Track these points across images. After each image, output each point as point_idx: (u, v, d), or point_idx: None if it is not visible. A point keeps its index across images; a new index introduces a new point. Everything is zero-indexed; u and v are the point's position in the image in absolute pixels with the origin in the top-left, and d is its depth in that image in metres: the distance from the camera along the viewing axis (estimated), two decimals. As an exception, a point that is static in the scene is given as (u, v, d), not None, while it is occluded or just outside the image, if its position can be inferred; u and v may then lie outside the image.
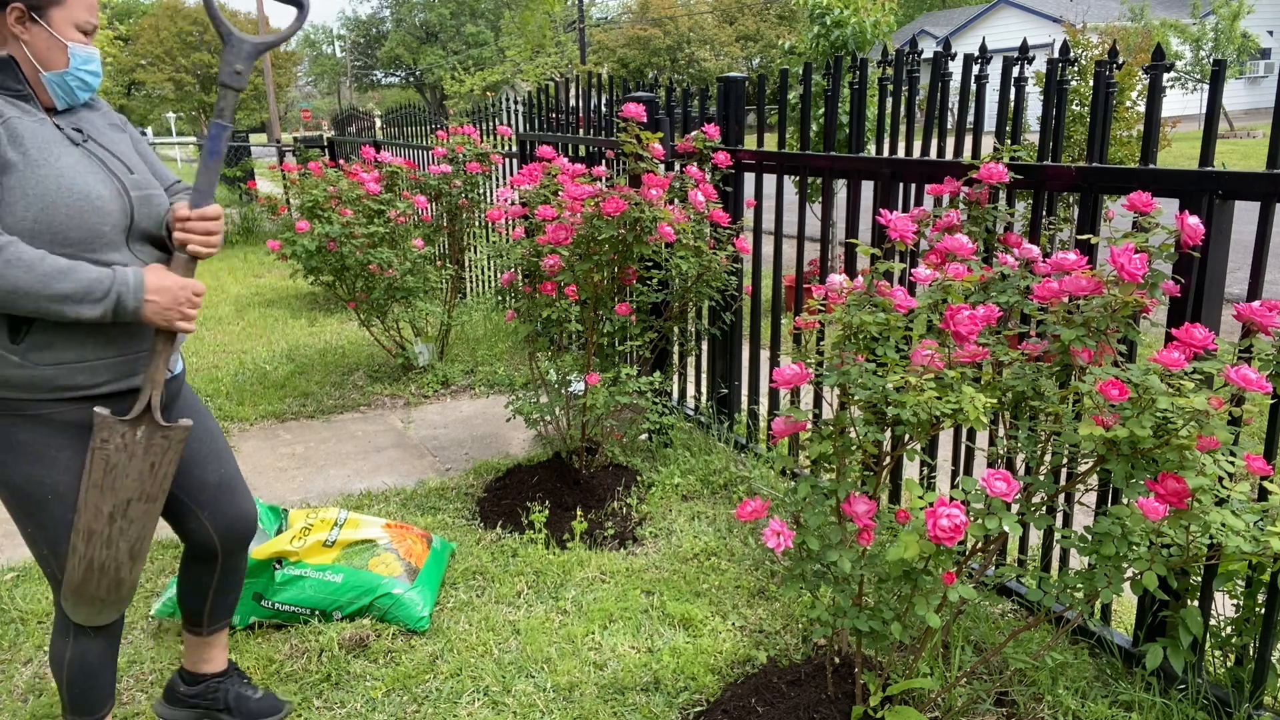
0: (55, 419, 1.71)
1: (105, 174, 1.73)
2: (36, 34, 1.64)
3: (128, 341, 1.74)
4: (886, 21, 6.52)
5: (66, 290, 1.56)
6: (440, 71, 43.95)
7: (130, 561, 1.81)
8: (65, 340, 1.66)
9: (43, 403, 1.69)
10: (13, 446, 1.69)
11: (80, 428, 1.73)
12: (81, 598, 1.80)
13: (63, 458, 1.72)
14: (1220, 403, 1.61)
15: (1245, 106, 27.92)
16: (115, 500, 1.75)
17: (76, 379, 1.69)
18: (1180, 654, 2.13)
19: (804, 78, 3.42)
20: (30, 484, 1.71)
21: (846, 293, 2.01)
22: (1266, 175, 2.03)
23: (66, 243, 1.64)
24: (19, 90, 1.66)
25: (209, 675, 2.21)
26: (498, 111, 6.40)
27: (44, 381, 1.67)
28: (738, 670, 2.45)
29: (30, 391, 1.67)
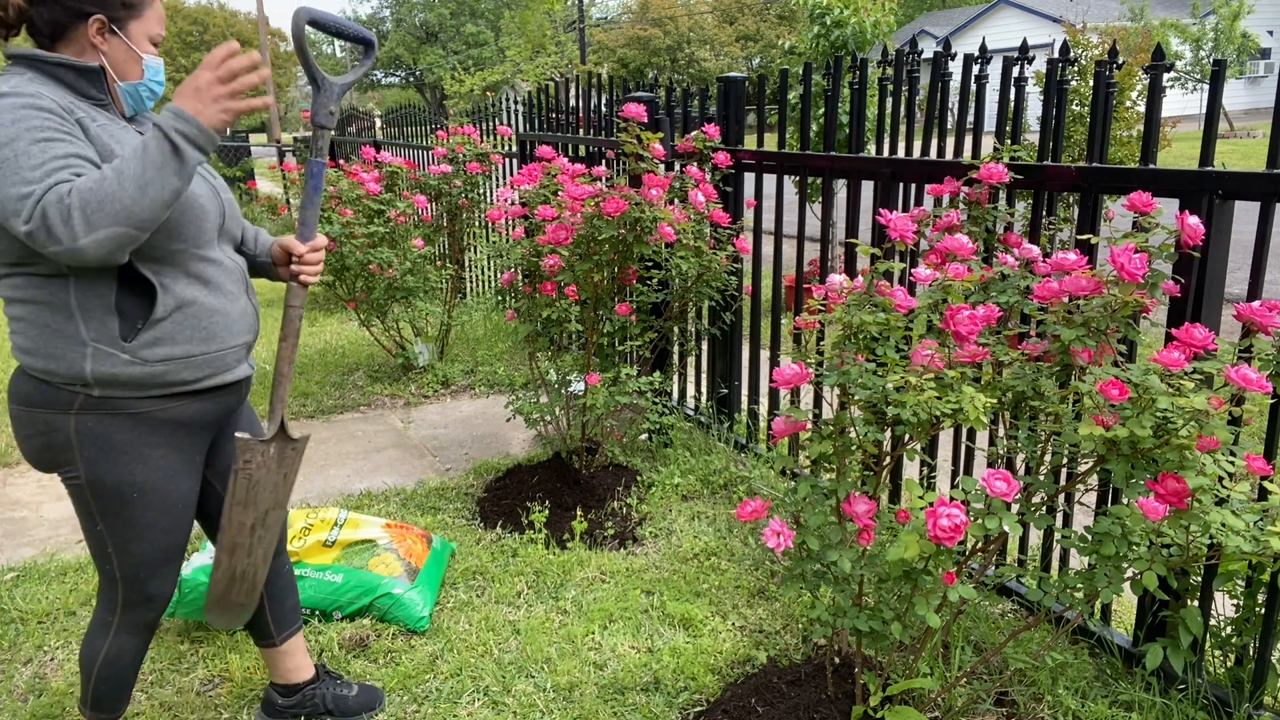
0: (154, 416, 1.75)
1: (198, 176, 1.80)
2: (115, 45, 1.71)
3: (224, 336, 1.80)
4: (886, 21, 6.52)
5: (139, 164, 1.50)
6: (440, 71, 43.94)
7: (264, 565, 1.96)
8: (171, 337, 1.71)
9: (145, 400, 1.73)
10: (110, 448, 1.73)
11: (175, 425, 1.79)
12: (224, 606, 1.94)
13: (155, 456, 1.77)
14: (1220, 403, 1.61)
15: (1245, 106, 27.92)
16: (256, 513, 1.88)
17: (181, 375, 1.74)
18: (1180, 654, 2.13)
19: (804, 78, 3.42)
20: (122, 484, 1.75)
21: (846, 293, 2.01)
22: (1266, 175, 2.03)
23: (181, 238, 1.71)
24: (101, 100, 1.71)
25: (301, 684, 2.22)
26: (498, 111, 6.40)
27: (151, 378, 1.71)
28: (738, 670, 2.45)
29: (137, 389, 1.71)
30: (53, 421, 1.71)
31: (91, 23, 1.67)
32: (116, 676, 1.92)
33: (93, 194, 1.46)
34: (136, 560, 1.82)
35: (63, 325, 1.67)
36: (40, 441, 1.74)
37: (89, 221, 1.46)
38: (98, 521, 1.79)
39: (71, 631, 2.69)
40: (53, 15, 1.65)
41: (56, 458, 1.75)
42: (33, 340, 1.69)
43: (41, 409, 1.71)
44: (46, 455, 1.76)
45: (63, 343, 1.67)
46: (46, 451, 1.75)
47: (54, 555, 3.18)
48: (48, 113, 1.56)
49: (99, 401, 1.70)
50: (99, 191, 1.47)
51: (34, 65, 1.65)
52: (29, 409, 1.73)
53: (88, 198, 1.46)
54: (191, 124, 1.54)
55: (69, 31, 1.67)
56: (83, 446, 1.72)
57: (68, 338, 1.67)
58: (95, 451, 1.73)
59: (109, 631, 1.89)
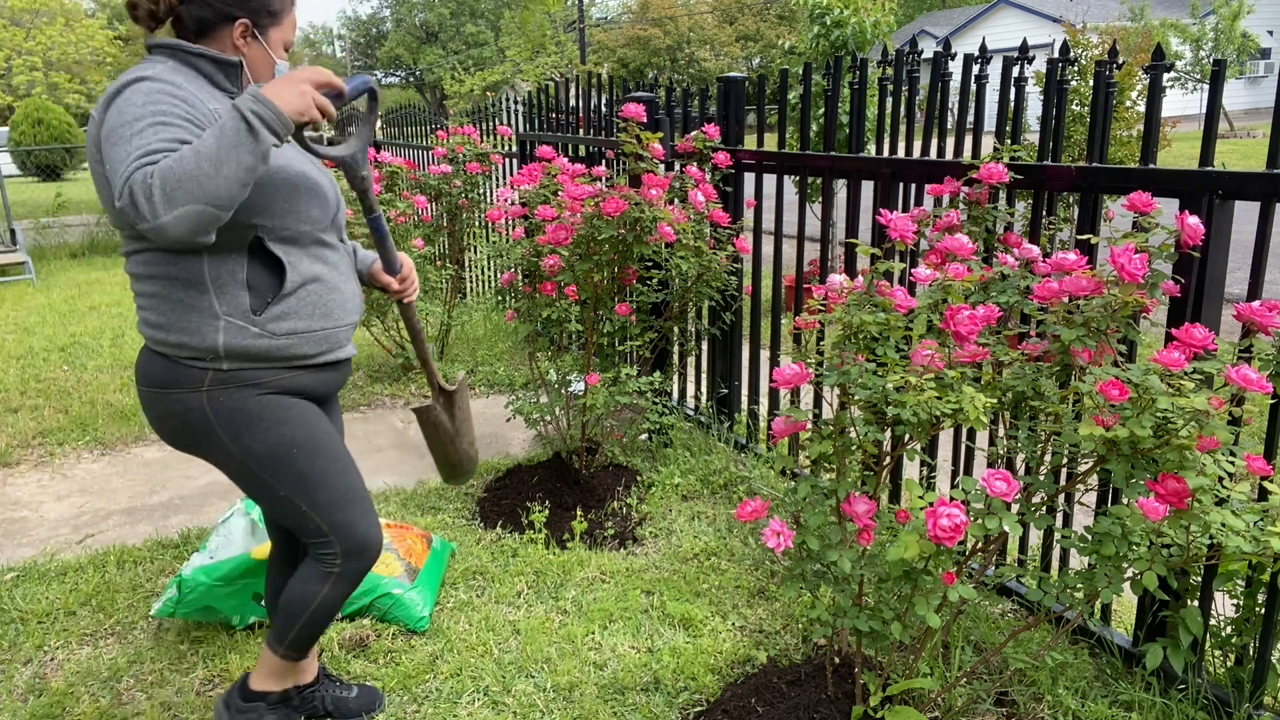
0: (280, 384, 1.84)
1: (316, 167, 1.91)
2: (255, 49, 1.81)
3: (338, 314, 1.90)
4: (886, 21, 6.52)
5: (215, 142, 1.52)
6: (440, 71, 43.93)
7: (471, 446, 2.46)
8: (295, 312, 1.80)
9: (270, 370, 1.82)
10: (248, 418, 1.80)
11: (296, 392, 1.88)
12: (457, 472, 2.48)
13: (294, 414, 1.86)
14: (1220, 403, 1.61)
15: (1245, 106, 27.92)
16: (454, 437, 2.36)
17: (303, 349, 1.83)
18: (1180, 654, 2.13)
19: (804, 78, 3.41)
20: (276, 445, 1.83)
21: (846, 293, 2.01)
22: (1266, 175, 2.02)
23: (308, 220, 1.81)
24: (233, 93, 1.78)
25: (303, 686, 2.24)
26: (498, 111, 6.40)
27: (278, 351, 1.79)
28: (738, 670, 2.45)
29: (264, 361, 1.80)
30: (187, 401, 1.78)
31: (237, 26, 1.77)
32: (322, 622, 2.02)
33: (172, 172, 1.49)
34: (328, 506, 1.90)
35: (196, 300, 1.73)
36: (179, 423, 1.81)
37: (169, 198, 1.49)
38: (278, 487, 1.87)
39: (71, 631, 2.70)
40: (202, 14, 1.74)
41: (199, 439, 1.82)
42: (165, 315, 1.75)
43: (173, 389, 1.78)
44: (189, 436, 1.83)
45: (196, 316, 1.74)
46: (189, 433, 1.82)
47: (54, 555, 3.18)
48: (180, 100, 1.62)
49: (227, 376, 1.77)
50: (178, 169, 1.49)
51: (175, 54, 1.73)
52: (161, 390, 1.79)
53: (167, 175, 1.49)
54: (267, 106, 1.56)
55: (214, 31, 1.76)
56: (222, 423, 1.80)
57: (201, 311, 1.73)
58: (236, 425, 1.80)
59: (328, 581, 1.96)
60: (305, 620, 2.00)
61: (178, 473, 3.94)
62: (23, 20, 20.08)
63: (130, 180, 1.50)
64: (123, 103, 1.60)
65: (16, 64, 20.61)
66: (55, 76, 21.54)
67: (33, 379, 5.27)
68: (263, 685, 2.12)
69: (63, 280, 8.55)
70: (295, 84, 1.61)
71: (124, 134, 1.56)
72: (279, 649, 2.05)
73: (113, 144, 1.56)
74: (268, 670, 2.11)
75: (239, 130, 1.53)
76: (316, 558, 1.96)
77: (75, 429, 4.41)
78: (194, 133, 1.60)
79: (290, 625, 2.01)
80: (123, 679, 2.47)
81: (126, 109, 1.58)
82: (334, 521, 1.91)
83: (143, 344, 1.85)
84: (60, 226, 11.10)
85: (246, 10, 1.77)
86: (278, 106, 1.57)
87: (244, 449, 1.82)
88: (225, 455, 1.83)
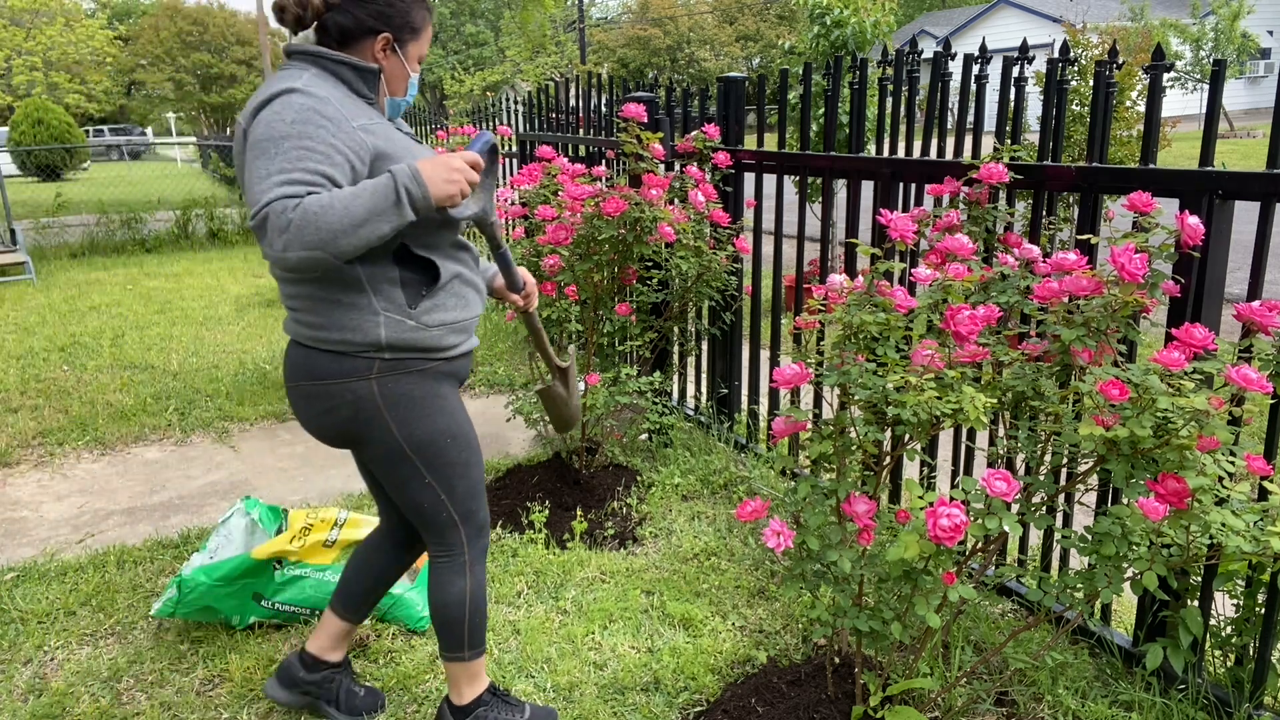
0: (434, 372, 1.93)
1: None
2: (393, 62, 1.89)
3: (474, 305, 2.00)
4: (886, 21, 6.52)
5: (366, 208, 1.61)
6: (440, 71, 43.92)
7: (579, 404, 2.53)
8: (443, 305, 1.89)
9: (423, 359, 1.90)
10: (413, 403, 1.89)
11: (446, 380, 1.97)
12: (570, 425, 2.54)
13: (449, 405, 1.97)
14: (1220, 403, 1.61)
15: (1245, 106, 27.92)
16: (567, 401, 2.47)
17: (448, 339, 1.92)
18: (1180, 654, 2.13)
19: (804, 78, 3.41)
20: (434, 433, 1.93)
21: (846, 292, 2.01)
22: (1266, 175, 2.02)
23: (450, 226, 1.89)
24: (371, 100, 1.86)
25: (330, 664, 2.28)
26: (498, 111, 6.40)
27: (431, 341, 1.89)
28: (738, 670, 2.45)
29: (418, 352, 1.88)
30: (358, 389, 1.85)
31: (380, 39, 1.84)
32: (484, 605, 2.09)
33: (313, 219, 1.56)
34: (463, 495, 2.01)
35: (355, 299, 1.81)
36: (347, 412, 1.87)
37: (300, 240, 1.56)
38: (425, 475, 1.95)
39: (71, 631, 2.70)
40: (347, 23, 1.81)
41: (362, 428, 1.89)
42: (325, 315, 1.82)
43: (344, 379, 1.85)
44: (353, 426, 1.89)
45: (356, 314, 1.81)
46: (353, 422, 1.88)
47: (54, 555, 3.18)
48: (327, 119, 1.67)
49: (392, 364, 1.86)
50: (318, 220, 1.56)
51: (317, 61, 1.79)
52: (332, 382, 1.85)
53: (306, 220, 1.56)
54: (421, 188, 1.66)
55: (357, 41, 1.83)
56: (389, 408, 1.88)
57: (361, 309, 1.81)
58: (402, 410, 1.89)
59: (466, 570, 2.05)
60: (469, 615, 2.07)
61: (178, 473, 3.94)
62: (23, 20, 20.08)
63: (269, 207, 1.56)
64: (271, 115, 1.65)
65: (16, 64, 20.62)
66: (55, 76, 21.54)
67: (33, 379, 5.27)
68: (472, 694, 2.14)
69: (63, 280, 8.56)
70: (449, 169, 1.72)
71: (268, 149, 1.61)
72: (465, 654, 2.09)
73: (255, 156, 1.62)
74: (465, 680, 2.12)
75: (388, 201, 1.63)
76: (444, 554, 2.05)
77: (75, 429, 4.41)
78: (335, 161, 1.65)
79: (459, 629, 2.07)
80: (123, 679, 2.47)
81: (275, 123, 1.64)
82: (465, 510, 2.02)
83: (290, 344, 1.91)
84: (60, 226, 11.10)
85: (390, 25, 1.84)
86: (429, 191, 1.68)
87: (407, 435, 1.91)
88: (386, 440, 1.90)
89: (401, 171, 1.65)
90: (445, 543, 2.04)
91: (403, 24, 1.86)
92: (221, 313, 7.07)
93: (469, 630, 2.08)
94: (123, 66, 35.68)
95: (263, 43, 8.54)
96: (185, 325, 6.64)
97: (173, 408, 4.72)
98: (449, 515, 2.01)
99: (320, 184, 1.61)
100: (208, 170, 21.64)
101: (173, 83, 38.24)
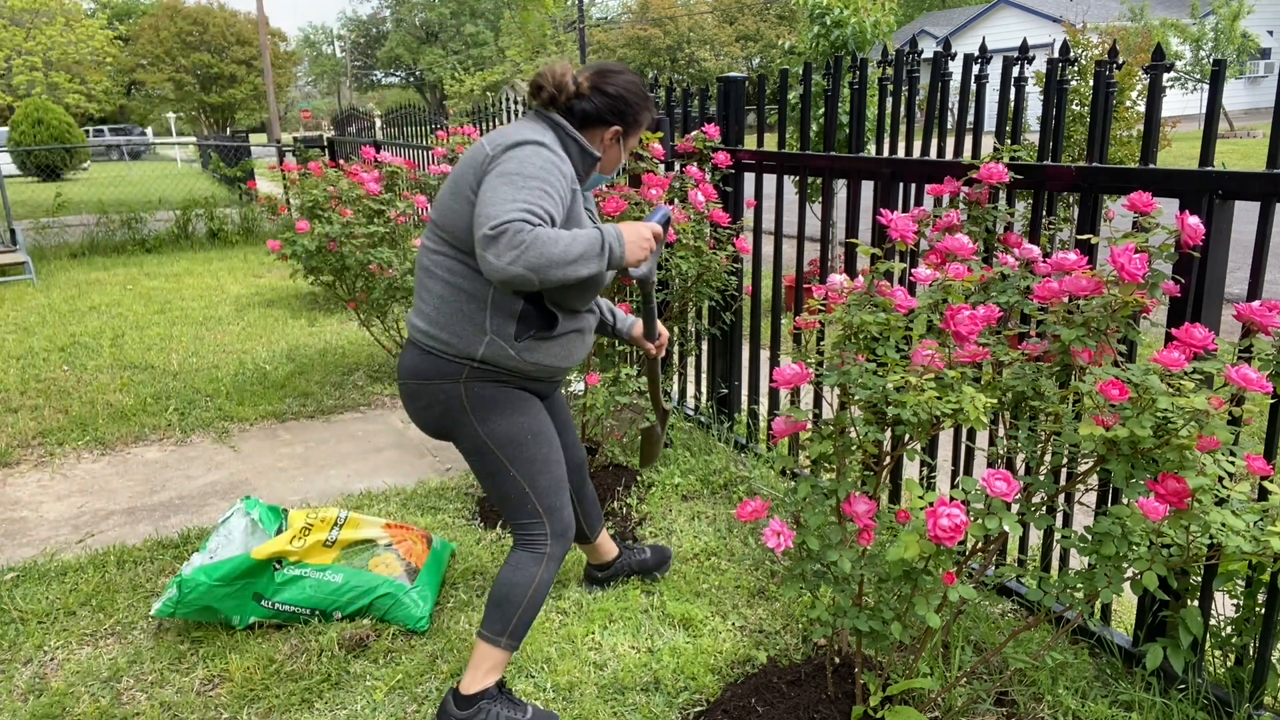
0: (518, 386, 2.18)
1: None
2: (613, 150, 2.20)
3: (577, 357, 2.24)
4: (886, 21, 6.52)
5: (580, 251, 1.86)
6: (440, 71, 43.92)
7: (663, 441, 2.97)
8: (547, 350, 2.14)
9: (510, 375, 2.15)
10: (495, 405, 2.13)
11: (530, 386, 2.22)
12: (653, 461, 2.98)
13: (530, 406, 2.19)
14: (1220, 402, 1.61)
15: (1245, 106, 27.92)
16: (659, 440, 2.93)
17: (537, 374, 2.18)
18: (1180, 654, 2.13)
19: (804, 78, 3.41)
20: (516, 430, 2.15)
21: (847, 292, 2.01)
22: (1266, 175, 2.02)
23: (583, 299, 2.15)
24: (580, 175, 2.14)
25: (612, 561, 2.84)
26: (497, 111, 6.39)
27: (522, 372, 2.14)
28: (738, 670, 2.45)
29: (509, 374, 2.14)
30: (450, 390, 2.10)
31: (611, 130, 2.15)
32: (539, 603, 2.22)
33: (542, 244, 1.80)
34: (546, 489, 2.20)
35: (474, 313, 2.05)
36: (440, 409, 2.13)
37: (523, 259, 1.78)
38: (509, 468, 2.16)
39: (71, 631, 2.70)
40: (589, 110, 2.12)
41: (453, 424, 2.14)
42: (444, 315, 2.07)
43: (438, 380, 2.10)
44: (445, 422, 2.15)
45: (469, 326, 2.06)
46: (445, 418, 2.14)
47: (54, 555, 3.18)
48: (562, 176, 1.97)
49: (480, 371, 2.10)
50: (546, 245, 1.80)
51: (556, 129, 2.09)
52: (427, 382, 2.12)
53: (538, 243, 1.79)
54: (621, 248, 1.96)
55: (592, 126, 2.14)
56: (474, 408, 2.12)
57: (474, 324, 2.06)
58: (485, 410, 2.12)
59: (541, 562, 2.20)
60: (525, 605, 2.19)
61: (178, 473, 3.94)
62: (23, 20, 20.08)
63: (509, 224, 1.79)
64: (523, 156, 1.93)
65: (16, 64, 20.62)
66: (55, 76, 21.54)
67: (33, 379, 5.27)
68: (481, 685, 2.18)
69: (63, 280, 8.56)
70: (641, 238, 2.03)
71: (516, 181, 1.88)
72: (502, 641, 2.18)
73: (503, 181, 1.88)
74: (485, 668, 2.19)
75: (595, 250, 1.89)
76: (527, 542, 2.21)
77: (75, 429, 4.41)
78: (558, 208, 1.93)
79: (510, 614, 2.18)
80: (123, 679, 2.48)
81: (527, 164, 1.91)
82: (548, 504, 2.20)
83: (406, 343, 2.17)
84: (60, 226, 11.09)
85: (623, 120, 2.16)
86: (626, 252, 1.97)
87: (489, 431, 2.13)
88: (472, 436, 2.14)
89: (609, 230, 1.95)
90: (530, 533, 2.22)
91: (632, 121, 2.17)
92: (221, 313, 7.07)
93: (518, 619, 2.19)
94: (123, 66, 35.65)
95: (263, 43, 8.54)
96: (185, 325, 6.64)
97: (173, 408, 4.72)
98: (533, 507, 2.20)
99: (547, 221, 1.86)
100: (208, 170, 21.64)
101: (173, 83, 38.20)
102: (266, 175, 18.07)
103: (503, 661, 2.21)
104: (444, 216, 2.04)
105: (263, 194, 6.17)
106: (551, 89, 2.09)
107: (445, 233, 2.05)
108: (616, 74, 2.15)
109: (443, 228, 2.05)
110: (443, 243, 2.07)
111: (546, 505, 2.20)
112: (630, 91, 2.15)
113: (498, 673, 2.20)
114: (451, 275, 2.06)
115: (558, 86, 2.08)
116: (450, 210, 2.02)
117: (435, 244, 2.09)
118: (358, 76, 58.49)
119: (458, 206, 2.00)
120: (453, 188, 2.03)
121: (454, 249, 2.05)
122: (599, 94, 2.11)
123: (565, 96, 2.09)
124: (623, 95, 2.13)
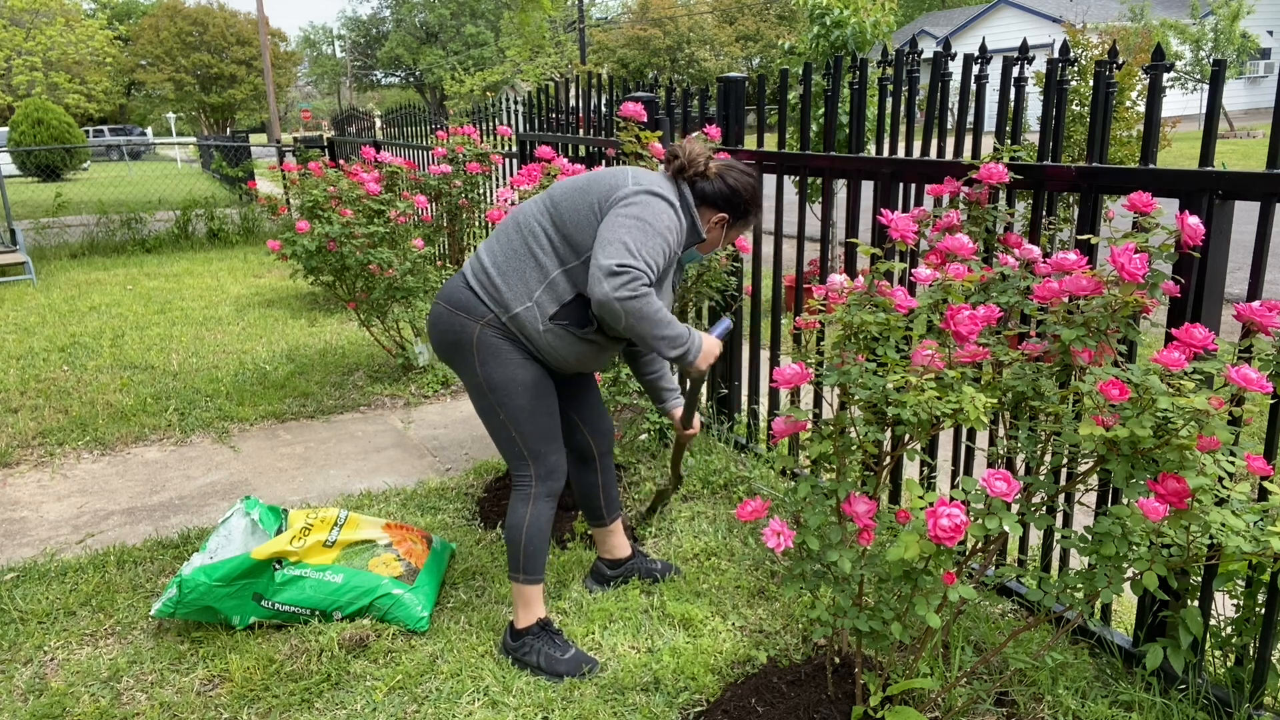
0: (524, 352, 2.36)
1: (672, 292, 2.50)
2: (715, 234, 2.40)
3: (587, 364, 2.43)
4: (886, 21, 6.52)
5: (668, 334, 2.16)
6: (440, 72, 43.93)
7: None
8: (568, 344, 2.33)
9: (520, 343, 2.34)
10: (497, 354, 2.32)
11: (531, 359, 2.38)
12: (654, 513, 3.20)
13: (530, 366, 2.36)
14: (1220, 403, 1.61)
15: (1245, 106, 27.92)
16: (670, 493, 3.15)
17: (547, 357, 2.36)
18: (1180, 654, 2.13)
19: (804, 78, 3.41)
20: (507, 379, 2.34)
21: (847, 292, 2.01)
22: (1266, 175, 2.02)
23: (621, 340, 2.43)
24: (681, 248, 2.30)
25: (624, 560, 2.86)
26: (498, 111, 6.40)
27: (536, 345, 2.34)
28: (738, 670, 2.45)
29: (525, 339, 2.33)
30: (467, 327, 2.32)
31: (719, 215, 2.36)
32: (541, 539, 2.45)
33: (646, 307, 2.09)
34: (531, 435, 2.39)
35: (532, 280, 2.28)
36: (452, 338, 2.35)
37: (627, 305, 2.06)
38: (499, 411, 2.37)
39: (71, 631, 2.70)
40: (709, 191, 2.33)
41: (457, 356, 2.37)
42: (509, 264, 2.30)
43: (462, 314, 2.33)
44: (453, 352, 2.37)
45: (520, 286, 2.28)
46: (454, 349, 2.36)
47: (54, 555, 3.18)
48: (674, 242, 2.22)
49: (501, 326, 2.31)
50: (646, 310, 2.10)
51: (682, 198, 2.30)
52: (455, 311, 2.34)
53: (643, 304, 2.08)
54: (696, 354, 2.24)
55: (707, 207, 2.35)
56: (479, 351, 2.33)
57: (526, 287, 2.28)
58: (486, 355, 2.33)
59: (529, 501, 2.44)
60: (526, 541, 2.43)
61: (178, 473, 3.94)
62: (23, 20, 20.07)
63: (635, 270, 2.07)
64: (655, 208, 2.18)
65: (16, 64, 20.61)
66: (55, 76, 21.53)
67: (33, 379, 5.27)
68: (525, 621, 2.49)
69: (63, 280, 8.56)
70: (710, 353, 2.28)
71: (644, 227, 2.13)
72: (519, 576, 2.46)
73: (635, 224, 2.13)
74: (520, 604, 2.49)
75: (680, 345, 2.19)
76: (518, 484, 2.46)
77: (75, 429, 4.41)
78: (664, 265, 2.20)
79: (516, 550, 2.45)
80: (123, 679, 2.47)
81: (654, 218, 2.16)
82: (533, 449, 2.40)
83: (457, 274, 2.39)
84: (60, 227, 11.10)
85: (733, 210, 2.37)
86: (699, 361, 2.24)
87: (486, 375, 2.34)
88: (471, 374, 2.36)
89: (698, 337, 2.24)
90: (520, 474, 2.45)
91: (740, 215, 2.39)
92: (221, 313, 7.07)
93: (524, 555, 2.44)
94: (123, 66, 35.64)
95: (263, 43, 8.54)
96: (185, 325, 6.64)
97: (173, 408, 4.72)
98: (520, 449, 2.41)
99: (655, 273, 2.14)
100: (208, 170, 21.64)
101: (173, 83, 38.19)
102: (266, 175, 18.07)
103: (532, 597, 2.48)
104: (567, 204, 2.26)
105: (263, 194, 6.17)
106: (684, 160, 2.31)
107: (557, 215, 2.27)
108: (742, 173, 2.36)
109: (559, 210, 2.27)
110: (549, 219, 2.29)
111: (532, 450, 2.40)
112: (748, 190, 2.36)
113: (533, 609, 2.48)
114: (536, 242, 2.28)
115: (690, 161, 2.30)
116: (574, 205, 2.25)
117: (541, 214, 2.31)
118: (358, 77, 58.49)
119: (582, 208, 2.24)
120: (585, 188, 2.26)
121: (555, 229, 2.27)
122: (722, 181, 2.33)
123: (693, 171, 2.31)
124: (739, 190, 2.34)
